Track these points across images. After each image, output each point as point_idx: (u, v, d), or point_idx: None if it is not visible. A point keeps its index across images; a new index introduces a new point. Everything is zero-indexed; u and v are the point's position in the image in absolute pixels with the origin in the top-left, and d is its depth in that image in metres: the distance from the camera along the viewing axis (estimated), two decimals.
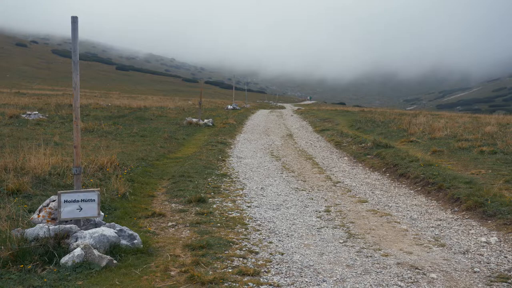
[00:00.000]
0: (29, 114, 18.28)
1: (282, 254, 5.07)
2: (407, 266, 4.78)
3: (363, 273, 4.57)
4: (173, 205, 6.99)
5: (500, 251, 5.27)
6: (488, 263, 4.90)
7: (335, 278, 4.43)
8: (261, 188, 8.47)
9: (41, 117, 18.22)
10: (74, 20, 4.85)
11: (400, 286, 4.25)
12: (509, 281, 4.41)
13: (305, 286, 4.23)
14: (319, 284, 4.28)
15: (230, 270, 4.49)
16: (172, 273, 4.39)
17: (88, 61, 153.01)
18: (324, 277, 4.46)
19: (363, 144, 13.70)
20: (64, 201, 4.81)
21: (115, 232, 4.87)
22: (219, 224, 6.02)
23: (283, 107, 51.57)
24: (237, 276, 4.36)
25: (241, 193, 8.02)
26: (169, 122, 19.69)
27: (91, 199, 4.92)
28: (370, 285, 4.28)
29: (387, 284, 4.29)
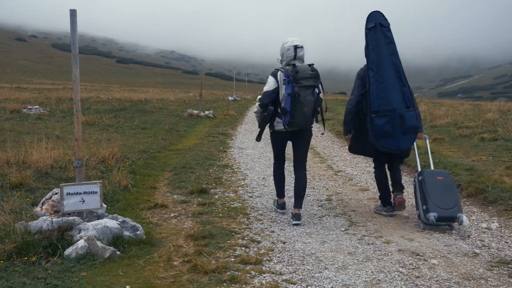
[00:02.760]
0: (30, 109, 18.31)
1: (284, 242, 5.11)
2: (408, 252, 4.80)
3: (364, 260, 4.60)
4: (175, 196, 7.02)
5: (501, 236, 5.29)
6: (489, 249, 4.93)
7: (337, 266, 4.46)
8: (263, 178, 8.49)
9: (42, 111, 18.25)
10: (73, 13, 4.85)
11: (401, 272, 4.28)
12: (510, 265, 4.43)
13: (307, 274, 4.25)
14: (321, 272, 4.31)
15: (232, 259, 4.52)
16: (175, 263, 4.43)
17: (88, 54, 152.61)
18: (326, 264, 4.49)
19: None
20: (67, 193, 4.83)
21: (118, 224, 4.90)
22: (221, 215, 6.05)
23: None
24: (239, 265, 4.39)
25: (243, 183, 8.05)
26: (170, 114, 19.70)
27: (93, 191, 4.95)
28: (372, 271, 4.31)
29: (389, 271, 4.32)
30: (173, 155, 10.45)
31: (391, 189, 6.45)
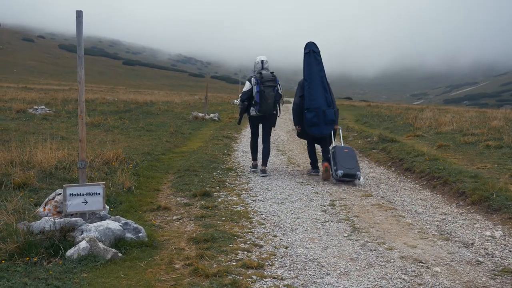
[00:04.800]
0: (36, 109, 18.36)
1: (287, 247, 5.09)
2: (411, 259, 4.78)
3: (367, 267, 4.57)
4: (178, 199, 7.02)
5: (505, 245, 5.26)
6: (492, 257, 4.89)
7: (339, 272, 4.44)
8: (267, 182, 8.47)
9: (47, 111, 18.30)
10: (79, 14, 4.87)
11: (403, 279, 4.26)
12: None
13: (309, 279, 4.24)
14: (322, 277, 4.29)
15: (234, 263, 4.51)
16: (177, 266, 4.42)
17: (94, 55, 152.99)
18: (328, 270, 4.47)
19: (369, 139, 13.69)
20: (70, 194, 4.83)
21: (120, 226, 4.90)
22: (223, 218, 6.04)
23: (289, 102, 51.48)
24: (241, 269, 4.37)
25: (246, 187, 8.04)
26: (175, 117, 19.73)
27: (96, 193, 4.94)
28: (374, 278, 4.29)
29: (391, 278, 4.29)
30: (177, 157, 10.45)
31: (320, 161, 9.60)
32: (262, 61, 9.05)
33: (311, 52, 9.05)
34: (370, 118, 20.24)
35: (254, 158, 9.62)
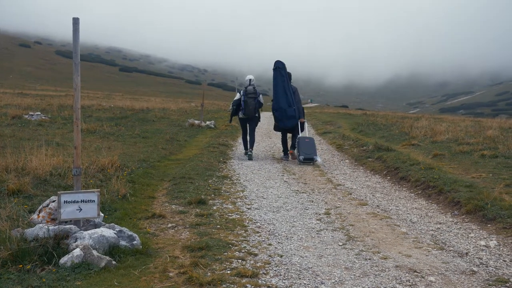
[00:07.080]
0: (32, 115, 18.31)
1: (281, 256, 5.08)
2: (405, 269, 4.78)
3: (361, 276, 4.57)
4: (173, 206, 7.01)
5: (499, 254, 5.26)
6: (487, 267, 4.90)
7: (334, 281, 4.43)
8: (262, 190, 8.47)
9: (43, 117, 18.24)
10: (76, 21, 4.87)
11: None
12: (508, 284, 4.40)
13: None
14: (317, 286, 4.28)
15: (228, 272, 4.50)
16: (171, 274, 4.40)
17: (91, 62, 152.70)
18: (322, 279, 4.46)
19: (365, 147, 13.70)
20: (64, 201, 4.82)
21: (115, 233, 4.88)
22: (218, 226, 6.04)
23: None
24: (235, 277, 4.36)
25: (242, 195, 8.04)
26: (171, 124, 19.70)
27: (91, 200, 4.93)
28: (368, 287, 4.28)
29: (385, 287, 4.29)
30: (173, 165, 10.44)
31: (289, 147, 12.76)
32: (249, 79, 12.48)
33: (277, 68, 12.36)
34: (366, 126, 20.24)
35: (246, 148, 12.84)
